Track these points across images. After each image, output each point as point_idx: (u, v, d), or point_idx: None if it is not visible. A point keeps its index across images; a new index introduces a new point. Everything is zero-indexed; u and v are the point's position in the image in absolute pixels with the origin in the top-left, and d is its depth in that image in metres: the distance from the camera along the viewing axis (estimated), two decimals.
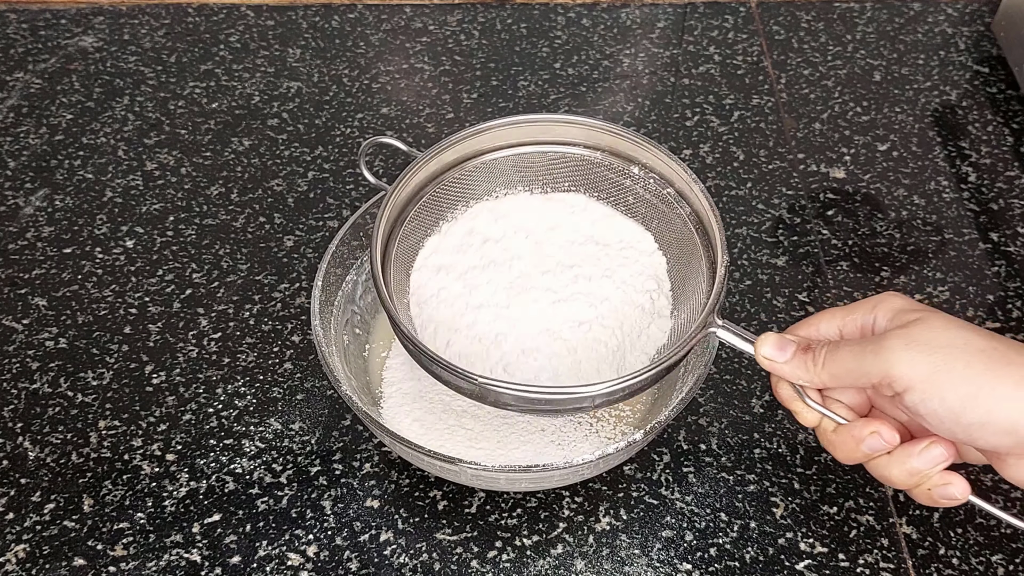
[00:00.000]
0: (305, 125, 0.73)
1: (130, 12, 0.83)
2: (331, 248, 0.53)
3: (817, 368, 0.43)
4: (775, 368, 0.44)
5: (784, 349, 0.44)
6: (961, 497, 0.41)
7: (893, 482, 0.42)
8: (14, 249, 0.65)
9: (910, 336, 0.40)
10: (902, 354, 0.39)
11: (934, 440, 0.41)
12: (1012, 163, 0.71)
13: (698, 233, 0.50)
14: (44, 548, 0.50)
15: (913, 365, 0.39)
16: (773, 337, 0.44)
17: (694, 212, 0.51)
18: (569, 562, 0.50)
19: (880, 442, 0.42)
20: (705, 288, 0.48)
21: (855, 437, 0.42)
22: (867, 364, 0.40)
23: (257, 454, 0.54)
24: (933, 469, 0.41)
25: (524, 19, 0.83)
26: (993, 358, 0.39)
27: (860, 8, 0.84)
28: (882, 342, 0.40)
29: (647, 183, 0.52)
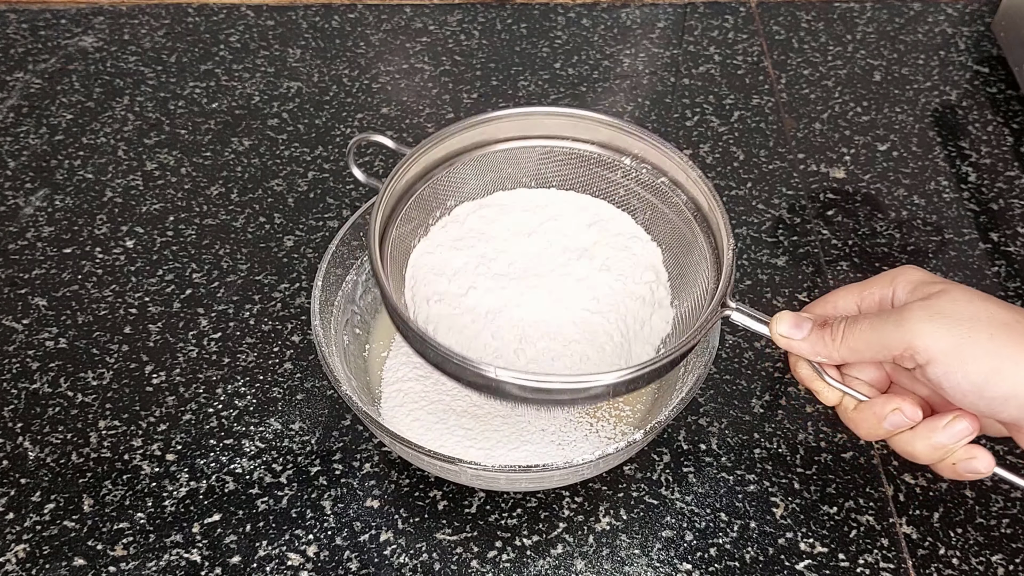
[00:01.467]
0: (305, 125, 0.73)
1: (130, 12, 0.83)
2: (331, 248, 0.53)
3: (836, 343, 0.42)
4: (792, 346, 0.43)
5: (800, 326, 0.43)
6: (986, 471, 0.41)
7: (917, 457, 0.41)
8: (14, 249, 0.65)
9: (933, 308, 0.39)
10: (925, 325, 0.39)
11: (958, 414, 0.40)
12: (1012, 163, 0.71)
13: (697, 220, 0.50)
14: (44, 548, 0.50)
15: (936, 337, 0.38)
16: (789, 315, 0.43)
17: (691, 199, 0.50)
18: (569, 562, 0.50)
19: (902, 419, 0.41)
20: (710, 274, 0.48)
21: (877, 414, 0.42)
22: (888, 336, 0.40)
23: (257, 454, 0.54)
24: (958, 444, 0.41)
25: (524, 19, 0.83)
26: (1017, 331, 0.38)
27: (860, 8, 0.84)
28: (904, 313, 0.40)
29: (639, 174, 0.52)
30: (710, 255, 0.49)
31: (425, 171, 0.51)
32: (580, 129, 0.52)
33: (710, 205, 0.48)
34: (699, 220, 0.50)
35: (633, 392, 0.46)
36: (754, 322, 0.45)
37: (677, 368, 0.53)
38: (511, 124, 0.52)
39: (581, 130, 0.52)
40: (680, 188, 0.51)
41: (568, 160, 0.53)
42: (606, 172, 0.53)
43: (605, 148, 0.52)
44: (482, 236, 0.52)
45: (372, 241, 0.46)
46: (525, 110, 0.51)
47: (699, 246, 0.50)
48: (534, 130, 0.52)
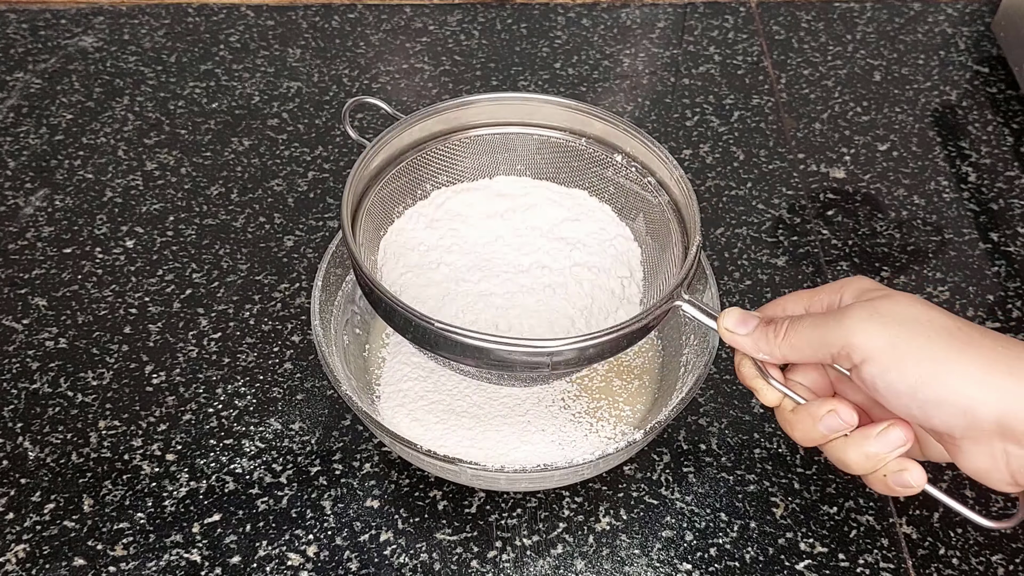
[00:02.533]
0: (305, 125, 0.73)
1: (130, 12, 0.83)
2: (331, 248, 0.53)
3: (778, 339, 0.42)
4: (736, 341, 0.43)
5: (746, 323, 0.43)
6: (916, 485, 0.40)
7: (850, 467, 0.41)
8: (14, 249, 0.65)
9: (874, 308, 0.39)
10: (864, 324, 0.39)
11: (893, 422, 0.40)
12: (1012, 163, 0.71)
13: (675, 221, 0.50)
14: (44, 548, 0.50)
15: (873, 336, 0.38)
16: (736, 311, 0.44)
17: (673, 200, 0.50)
18: (569, 562, 0.50)
19: (837, 421, 0.40)
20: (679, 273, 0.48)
21: (812, 415, 0.41)
22: (828, 333, 0.40)
23: (257, 454, 0.54)
24: (891, 453, 0.40)
25: (524, 19, 0.83)
26: (956, 337, 0.38)
27: (860, 8, 0.84)
28: (845, 312, 0.40)
29: (629, 172, 0.52)
30: (680, 253, 0.49)
31: (418, 142, 0.51)
32: (576, 121, 0.52)
33: (687, 203, 0.49)
34: (677, 221, 0.50)
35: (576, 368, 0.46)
36: (703, 315, 0.45)
37: (677, 368, 0.53)
38: (508, 108, 0.52)
39: (578, 122, 0.52)
40: (665, 189, 0.51)
41: (564, 152, 0.53)
42: (598, 168, 0.53)
43: (599, 143, 0.52)
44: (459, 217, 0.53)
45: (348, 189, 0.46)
46: (524, 96, 0.52)
47: (673, 247, 0.50)
48: (533, 118, 0.52)
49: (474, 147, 0.53)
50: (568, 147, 0.53)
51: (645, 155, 0.51)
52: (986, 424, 0.37)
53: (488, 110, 0.52)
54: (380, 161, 0.50)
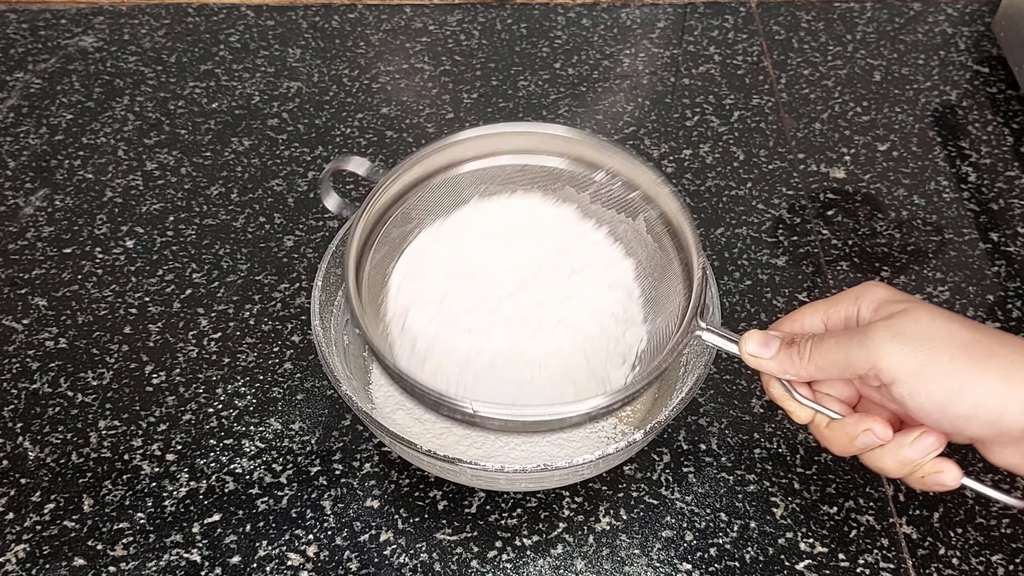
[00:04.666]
0: (305, 125, 0.73)
1: (130, 12, 0.83)
2: (331, 248, 0.53)
3: (803, 361, 0.43)
4: (761, 365, 0.44)
5: (768, 345, 0.44)
6: (953, 484, 0.42)
7: (887, 471, 0.43)
8: (14, 249, 0.65)
9: (895, 328, 0.40)
10: (888, 346, 0.40)
11: (925, 430, 0.41)
12: (1012, 163, 0.71)
13: (668, 235, 0.50)
14: (44, 548, 0.50)
15: (899, 358, 0.39)
16: (757, 334, 0.44)
17: (663, 214, 0.50)
18: (569, 562, 0.50)
19: (873, 439, 0.42)
20: (682, 290, 0.48)
21: (848, 434, 0.43)
22: (853, 356, 0.41)
23: (257, 454, 0.54)
24: (925, 458, 0.41)
25: (524, 19, 0.83)
26: (977, 351, 0.39)
27: (860, 8, 0.84)
28: (868, 333, 0.41)
29: (612, 188, 0.52)
30: (682, 272, 0.49)
31: (399, 195, 0.51)
32: (551, 145, 0.52)
33: (679, 222, 0.49)
34: (670, 236, 0.50)
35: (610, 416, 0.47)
36: (724, 341, 0.45)
37: (677, 368, 0.53)
38: (482, 143, 0.51)
39: (553, 146, 0.52)
40: (651, 203, 0.51)
41: (541, 176, 0.53)
42: (579, 187, 0.52)
43: (578, 163, 0.52)
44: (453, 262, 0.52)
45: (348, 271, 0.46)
46: (494, 128, 0.51)
47: (672, 263, 0.50)
48: (505, 147, 0.52)
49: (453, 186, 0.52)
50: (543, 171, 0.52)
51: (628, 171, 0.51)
52: (1014, 431, 0.39)
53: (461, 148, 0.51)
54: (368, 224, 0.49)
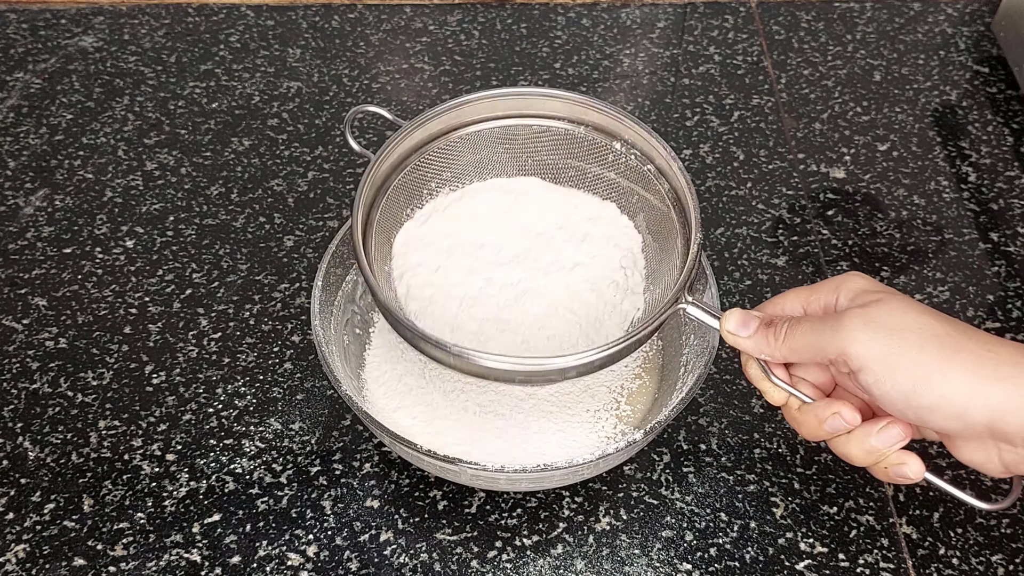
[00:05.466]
0: (305, 125, 0.73)
1: (130, 12, 0.83)
2: (331, 248, 0.53)
3: (778, 342, 0.43)
4: (738, 343, 0.45)
5: (748, 324, 0.44)
6: (915, 477, 0.42)
7: (852, 459, 0.43)
8: (14, 249, 0.65)
9: (868, 316, 0.41)
10: (859, 333, 0.40)
11: (892, 420, 0.42)
12: (1012, 163, 0.71)
13: (675, 210, 0.50)
14: (44, 548, 0.50)
15: (868, 345, 0.40)
16: (738, 312, 0.45)
17: (673, 189, 0.51)
18: (569, 562, 0.50)
19: (841, 422, 0.42)
20: (679, 265, 0.49)
21: (818, 416, 0.43)
22: (825, 340, 0.41)
23: (257, 454, 0.54)
24: (890, 448, 0.42)
25: (524, 19, 0.83)
26: (946, 343, 0.39)
27: (860, 8, 0.84)
28: (841, 319, 0.41)
29: (628, 159, 0.52)
30: (682, 246, 0.49)
31: (419, 144, 0.51)
32: (574, 111, 0.52)
33: (684, 197, 0.49)
34: (677, 210, 0.50)
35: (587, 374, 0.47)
36: (707, 316, 0.46)
37: (677, 368, 0.53)
38: (507, 102, 0.52)
39: (576, 112, 0.52)
40: (664, 177, 0.51)
41: (562, 141, 0.53)
42: (598, 155, 0.53)
43: (597, 131, 0.53)
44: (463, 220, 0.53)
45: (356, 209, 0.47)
46: (521, 90, 0.52)
47: (676, 236, 0.50)
48: (529, 109, 0.53)
49: (474, 142, 0.53)
50: (567, 135, 0.53)
51: (644, 143, 0.52)
52: (977, 427, 0.39)
53: (486, 105, 0.52)
54: (386, 169, 0.50)
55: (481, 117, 0.53)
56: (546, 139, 0.53)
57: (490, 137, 0.53)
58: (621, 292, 0.51)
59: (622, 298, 0.51)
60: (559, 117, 0.53)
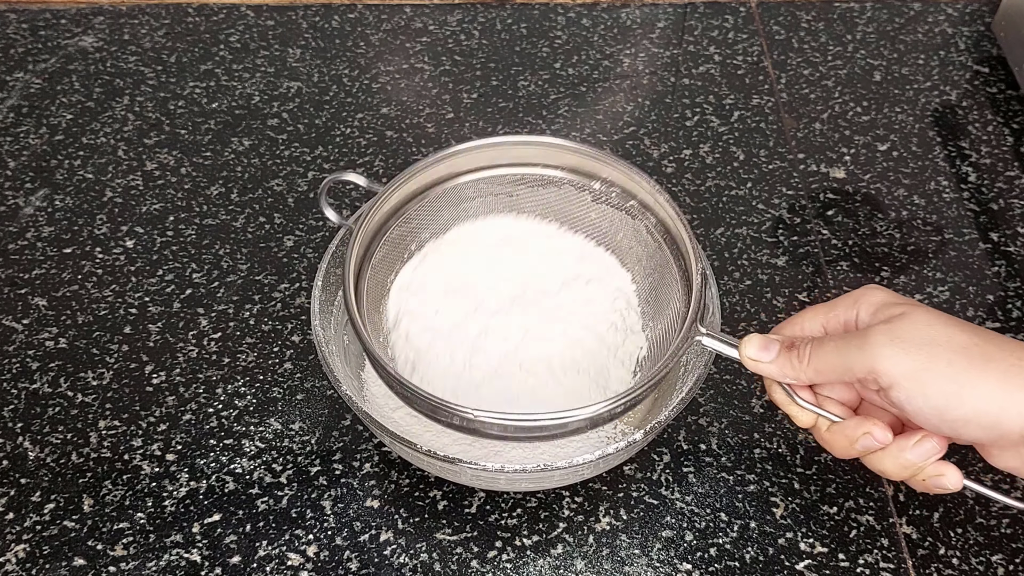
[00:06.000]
0: (305, 125, 0.73)
1: (130, 12, 0.83)
2: (331, 248, 0.54)
3: (803, 365, 0.43)
4: (761, 368, 0.44)
5: (768, 349, 0.44)
6: (954, 487, 0.42)
7: (888, 474, 0.43)
8: (14, 249, 0.65)
9: (893, 332, 0.40)
10: (886, 350, 0.40)
11: (926, 434, 0.41)
12: (1012, 163, 0.71)
13: (666, 243, 0.50)
14: (44, 548, 0.50)
15: (897, 362, 0.40)
16: (757, 338, 0.44)
17: (660, 222, 0.51)
18: (569, 562, 0.50)
19: (873, 442, 0.42)
20: (681, 297, 0.49)
21: (848, 437, 0.43)
22: (852, 359, 0.41)
23: (257, 454, 0.54)
24: (926, 462, 0.42)
25: (524, 19, 0.83)
26: (975, 355, 0.39)
27: (860, 8, 0.84)
28: (867, 337, 0.41)
29: (609, 197, 0.52)
30: (680, 278, 0.49)
31: (398, 206, 0.52)
32: (549, 156, 0.52)
33: (677, 229, 0.49)
34: (668, 243, 0.50)
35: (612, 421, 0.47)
36: (724, 346, 0.46)
37: (677, 368, 0.53)
38: (480, 155, 0.52)
39: (550, 156, 0.52)
40: (649, 211, 0.51)
41: (539, 185, 0.53)
42: (577, 196, 0.53)
43: (574, 173, 0.53)
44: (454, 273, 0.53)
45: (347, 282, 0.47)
46: (493, 140, 0.52)
47: (670, 268, 0.50)
48: (503, 159, 0.53)
49: (451, 197, 0.53)
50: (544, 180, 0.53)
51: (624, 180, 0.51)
52: (1013, 435, 0.39)
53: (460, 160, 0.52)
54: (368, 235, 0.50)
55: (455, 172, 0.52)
56: (523, 186, 0.53)
57: (466, 190, 0.53)
58: (621, 333, 0.51)
59: (623, 339, 0.51)
60: (533, 163, 0.53)
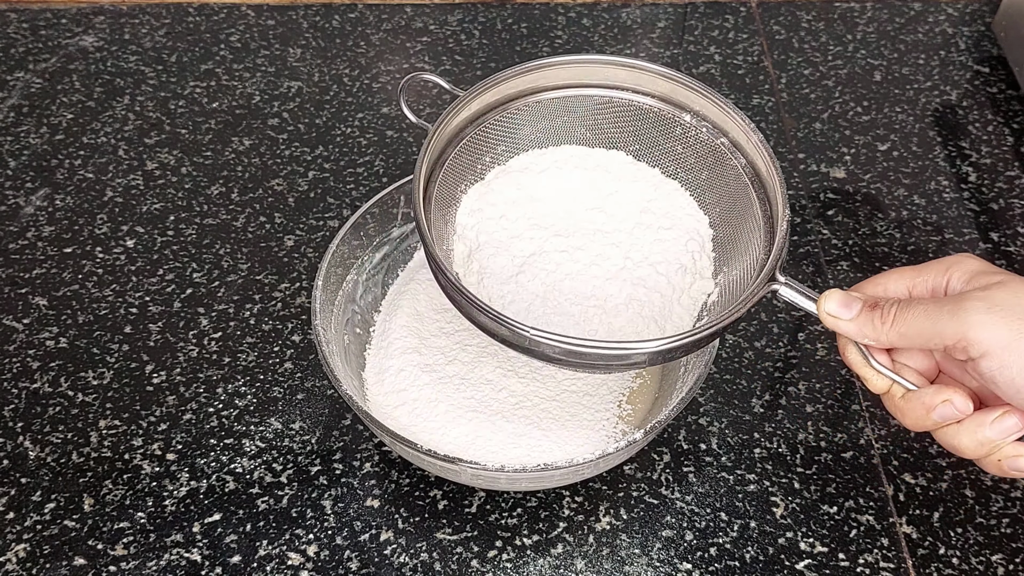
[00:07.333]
0: (306, 125, 0.73)
1: (131, 12, 0.83)
2: (332, 248, 0.54)
3: (886, 327, 0.41)
4: (840, 326, 0.42)
5: (850, 306, 0.42)
6: None
7: (962, 451, 0.40)
8: (15, 249, 0.65)
9: (992, 299, 0.38)
10: (983, 317, 0.38)
11: (1008, 409, 0.39)
12: (1012, 163, 0.71)
13: (754, 186, 0.47)
14: (44, 547, 0.50)
15: (994, 330, 0.37)
16: (838, 293, 0.42)
17: (750, 164, 0.48)
18: (569, 562, 0.50)
19: (952, 411, 0.40)
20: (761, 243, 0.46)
21: (926, 404, 0.40)
22: (942, 325, 0.39)
23: (257, 454, 0.54)
24: (1006, 440, 0.39)
25: (525, 19, 0.83)
26: None
27: (861, 8, 0.84)
28: (962, 303, 0.39)
29: (699, 132, 0.49)
30: (764, 223, 0.46)
31: (477, 115, 0.49)
32: (640, 80, 0.49)
33: (768, 171, 0.46)
34: (756, 186, 0.47)
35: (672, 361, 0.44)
36: (802, 298, 0.43)
37: (677, 367, 0.53)
38: (568, 71, 0.49)
39: (641, 81, 0.49)
40: (740, 151, 0.48)
41: (625, 112, 0.50)
42: (664, 128, 0.50)
43: (665, 102, 0.49)
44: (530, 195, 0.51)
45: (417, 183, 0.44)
46: (583, 57, 0.49)
47: (754, 213, 0.47)
48: (592, 78, 0.50)
49: (533, 113, 0.50)
50: (630, 107, 0.50)
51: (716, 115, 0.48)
52: None
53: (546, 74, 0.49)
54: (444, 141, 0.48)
55: (540, 86, 0.49)
56: (608, 111, 0.50)
57: (550, 108, 0.50)
58: (689, 276, 0.49)
59: (691, 282, 0.49)
60: (623, 87, 0.49)
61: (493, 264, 0.49)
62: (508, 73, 0.48)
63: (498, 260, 0.49)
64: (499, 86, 0.48)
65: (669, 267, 0.49)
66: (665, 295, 0.49)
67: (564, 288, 0.48)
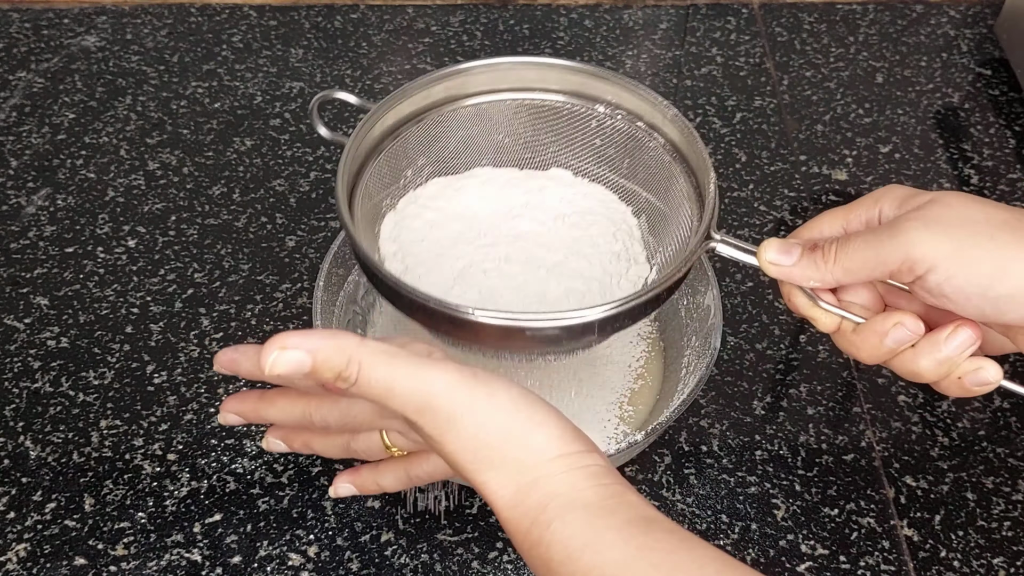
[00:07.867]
0: (307, 125, 0.73)
1: (133, 12, 0.83)
2: (333, 248, 0.54)
3: (829, 265, 0.41)
4: (783, 272, 0.42)
5: (790, 252, 0.42)
6: (994, 380, 0.40)
7: (922, 375, 0.40)
8: (16, 248, 0.65)
9: (927, 217, 0.39)
10: (922, 234, 0.38)
11: (959, 324, 0.39)
12: (1015, 165, 0.71)
13: (676, 161, 0.48)
14: (45, 547, 0.50)
15: (935, 244, 0.38)
16: (776, 241, 0.43)
17: (669, 141, 0.48)
18: None
19: (905, 332, 0.40)
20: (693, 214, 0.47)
21: (878, 332, 0.40)
22: (884, 250, 0.39)
23: (258, 454, 0.54)
24: (962, 355, 0.40)
25: (526, 20, 0.83)
26: (1018, 229, 0.38)
27: (862, 10, 0.84)
28: (898, 225, 0.39)
29: (615, 121, 0.50)
30: (693, 194, 0.47)
31: (394, 127, 0.49)
32: (549, 78, 0.50)
33: (689, 142, 0.47)
34: (678, 161, 0.48)
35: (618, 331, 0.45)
36: (741, 253, 0.44)
37: (678, 369, 0.53)
38: (480, 77, 0.50)
39: (551, 80, 0.50)
40: (657, 131, 0.49)
41: (540, 113, 0.51)
42: (580, 123, 0.51)
43: (577, 97, 0.50)
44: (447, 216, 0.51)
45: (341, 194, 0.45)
46: (492, 61, 0.49)
47: (679, 187, 0.48)
48: (503, 83, 0.50)
49: (450, 123, 0.51)
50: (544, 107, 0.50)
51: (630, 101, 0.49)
52: None
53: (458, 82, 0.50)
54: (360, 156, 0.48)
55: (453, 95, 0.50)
56: (524, 114, 0.51)
57: (463, 116, 0.50)
58: (624, 263, 0.50)
59: (626, 268, 0.49)
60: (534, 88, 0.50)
61: (426, 282, 0.49)
62: (416, 84, 0.49)
63: (430, 278, 0.49)
64: (410, 98, 0.49)
65: (602, 257, 0.50)
66: (603, 282, 0.49)
67: (502, 290, 0.49)
